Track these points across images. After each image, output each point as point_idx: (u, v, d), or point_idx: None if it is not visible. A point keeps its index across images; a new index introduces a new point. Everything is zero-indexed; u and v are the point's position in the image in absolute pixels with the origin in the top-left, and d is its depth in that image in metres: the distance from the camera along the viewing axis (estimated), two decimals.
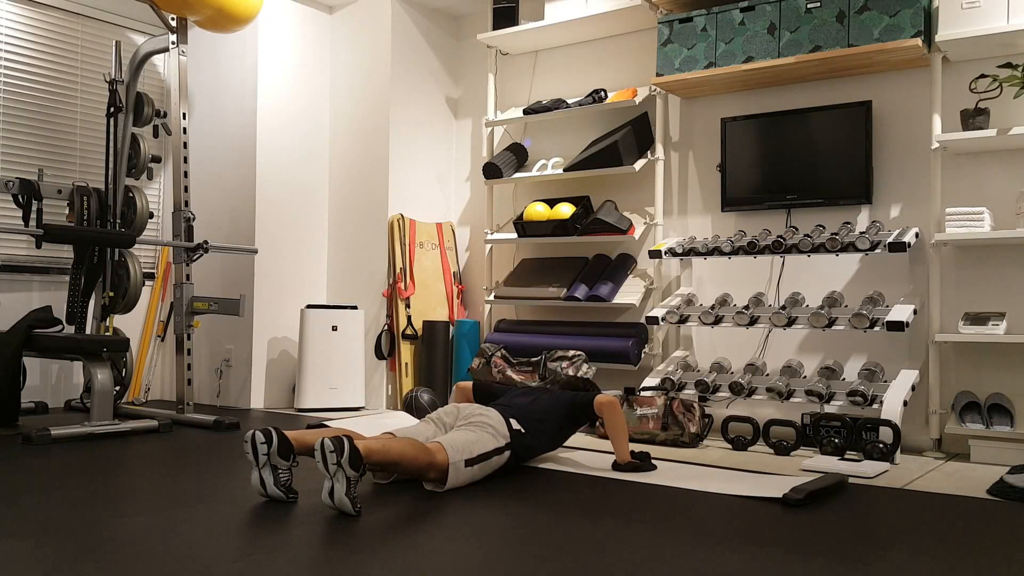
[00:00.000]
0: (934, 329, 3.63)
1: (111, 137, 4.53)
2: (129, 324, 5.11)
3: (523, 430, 2.96)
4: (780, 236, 3.79)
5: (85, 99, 5.01)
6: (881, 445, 3.27)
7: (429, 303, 5.06)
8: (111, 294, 4.41)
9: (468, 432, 2.78)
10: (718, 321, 3.89)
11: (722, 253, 3.94)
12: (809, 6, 3.77)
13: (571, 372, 4.11)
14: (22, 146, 4.74)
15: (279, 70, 5.09)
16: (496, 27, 4.87)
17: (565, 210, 4.48)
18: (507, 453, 2.86)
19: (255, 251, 4.56)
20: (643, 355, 4.35)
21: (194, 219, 4.38)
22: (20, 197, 4.12)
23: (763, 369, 3.92)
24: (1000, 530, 2.27)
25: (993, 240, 3.47)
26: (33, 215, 4.13)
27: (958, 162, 3.71)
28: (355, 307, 4.97)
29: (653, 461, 3.15)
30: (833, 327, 3.62)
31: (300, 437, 2.59)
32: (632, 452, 3.12)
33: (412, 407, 4.35)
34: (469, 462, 2.67)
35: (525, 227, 4.59)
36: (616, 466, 3.09)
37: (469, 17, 5.40)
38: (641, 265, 4.55)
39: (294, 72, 5.17)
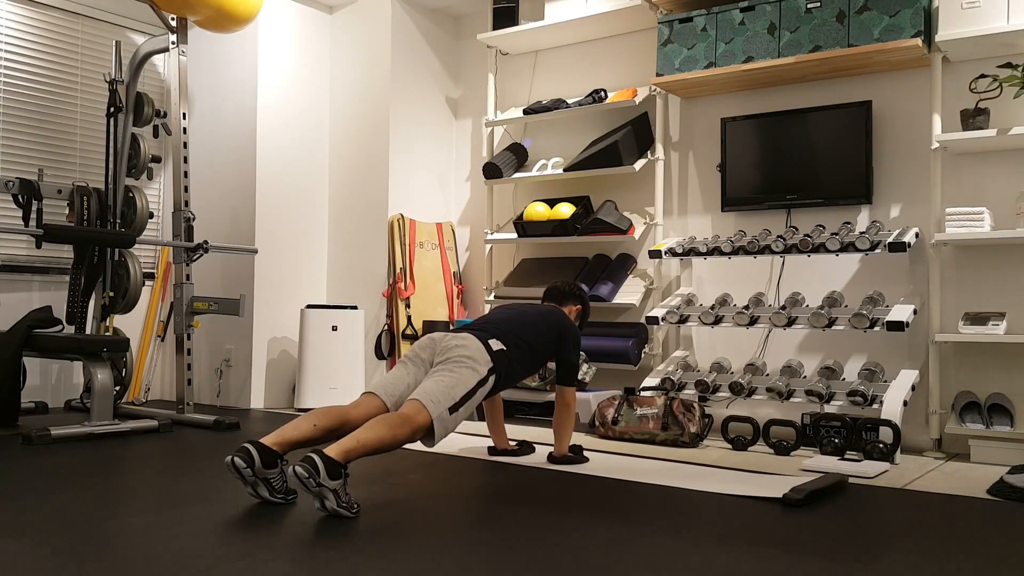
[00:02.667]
0: (934, 329, 3.63)
1: (111, 137, 4.53)
2: (129, 324, 5.11)
3: (505, 347, 2.85)
4: (780, 236, 3.79)
5: (85, 99, 5.01)
6: (881, 445, 3.27)
7: (429, 303, 5.06)
8: (111, 294, 4.41)
9: (446, 375, 2.66)
10: (718, 321, 3.89)
11: (722, 253, 3.94)
12: (809, 6, 3.77)
13: None
14: (22, 146, 4.74)
15: (279, 70, 5.09)
16: (496, 27, 4.87)
17: (565, 210, 4.48)
18: (491, 379, 2.76)
19: (255, 251, 4.56)
20: (643, 355, 4.35)
21: (194, 219, 4.38)
22: (20, 197, 4.12)
23: (763, 369, 3.92)
24: (1000, 530, 2.27)
25: (993, 240, 3.47)
26: (33, 215, 4.13)
27: (958, 162, 3.71)
28: (355, 307, 4.96)
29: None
30: (833, 327, 3.62)
31: (283, 436, 2.47)
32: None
33: None
34: (453, 408, 2.58)
35: (525, 227, 4.59)
36: (552, 458, 3.21)
37: (469, 17, 5.40)
38: (641, 265, 4.55)
39: (294, 72, 5.17)
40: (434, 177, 5.31)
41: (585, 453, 3.31)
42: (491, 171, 4.79)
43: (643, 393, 3.86)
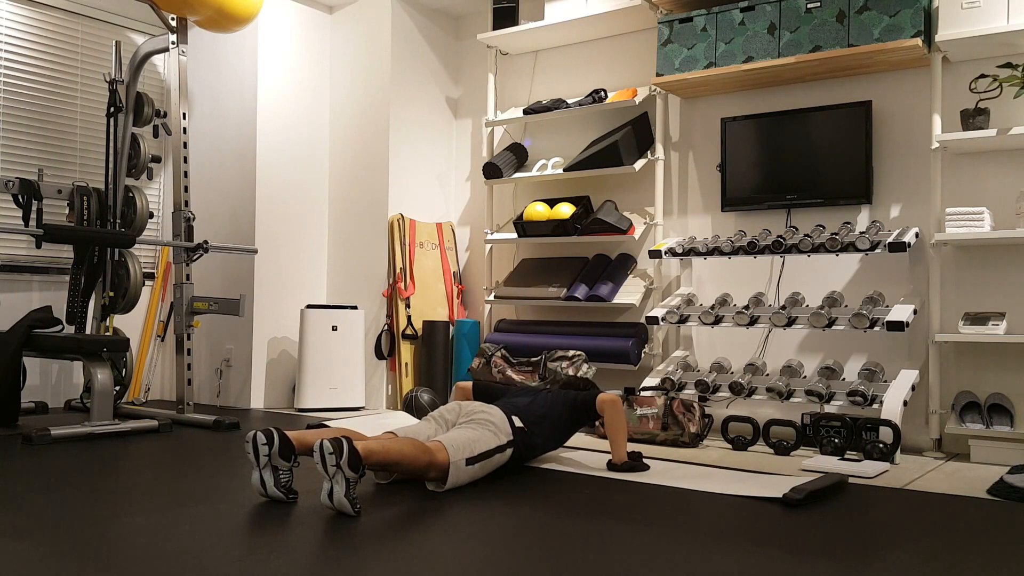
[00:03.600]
0: (934, 329, 3.63)
1: (111, 137, 4.53)
2: (129, 324, 5.11)
3: (525, 428, 2.95)
4: (780, 236, 3.79)
5: (85, 99, 5.01)
6: (881, 445, 3.27)
7: (429, 303, 5.06)
8: (111, 294, 4.41)
9: (469, 430, 2.77)
10: (718, 321, 3.89)
11: (722, 253, 3.94)
12: (809, 6, 3.77)
13: (571, 372, 4.11)
14: (22, 146, 4.74)
15: (279, 70, 5.09)
16: (496, 27, 4.87)
17: (565, 210, 4.48)
18: (509, 451, 2.85)
19: (255, 251, 4.56)
20: (643, 355, 4.35)
21: (194, 219, 4.38)
22: (20, 197, 4.12)
23: (763, 369, 3.92)
24: (1000, 530, 2.27)
25: (993, 240, 3.47)
26: (33, 215, 4.13)
27: (958, 162, 3.71)
28: (355, 307, 4.97)
29: (646, 461, 3.15)
30: (833, 327, 3.62)
31: (300, 437, 2.59)
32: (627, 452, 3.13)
33: (412, 407, 4.35)
34: (470, 460, 2.66)
35: (525, 227, 4.59)
36: (612, 466, 3.09)
37: (469, 17, 5.40)
38: (641, 265, 4.55)
39: (294, 72, 5.17)
40: (434, 177, 5.31)
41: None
42: (491, 171, 4.79)
43: (643, 393, 3.86)
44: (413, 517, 2.31)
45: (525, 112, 4.72)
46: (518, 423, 2.93)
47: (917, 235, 3.65)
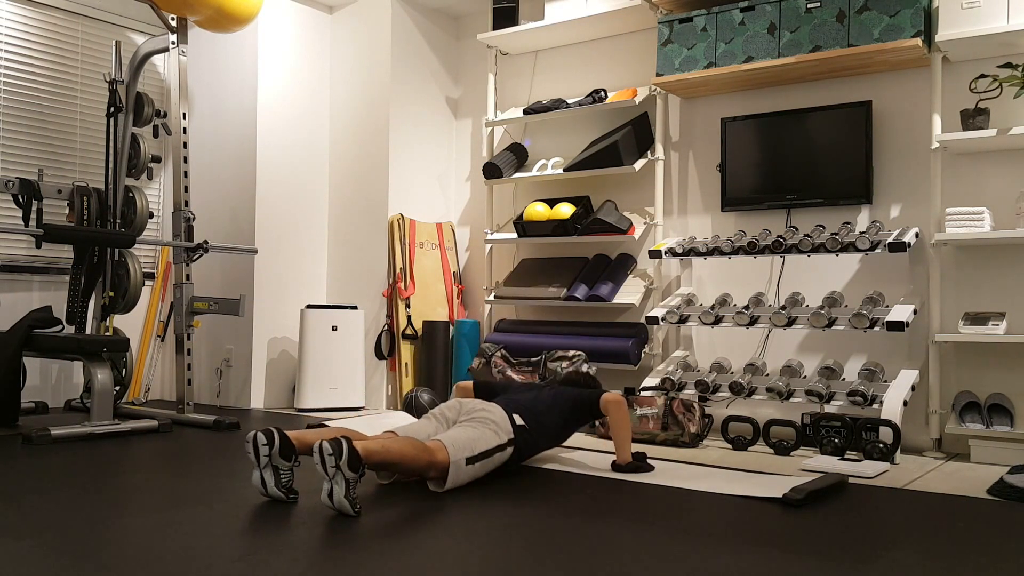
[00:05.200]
0: (934, 329, 3.63)
1: (111, 137, 4.53)
2: (129, 324, 5.11)
3: (526, 425, 2.94)
4: (780, 236, 3.79)
5: (85, 99, 5.01)
6: (881, 445, 3.27)
7: (429, 303, 5.06)
8: (111, 294, 4.41)
9: (470, 429, 2.76)
10: (718, 321, 3.89)
11: (722, 253, 3.94)
12: (809, 6, 3.77)
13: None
14: (22, 146, 4.74)
15: (279, 70, 5.09)
16: (496, 27, 4.87)
17: (565, 210, 4.48)
18: (509, 449, 2.84)
19: (255, 251, 4.56)
20: (643, 355, 4.35)
21: (194, 219, 4.38)
22: (20, 197, 4.12)
23: (763, 369, 3.92)
24: (1000, 530, 2.27)
25: (993, 240, 3.47)
26: (33, 215, 4.13)
27: (958, 162, 3.71)
28: (355, 307, 4.97)
29: (650, 461, 3.14)
30: (833, 327, 3.62)
31: (301, 437, 2.59)
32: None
33: (412, 407, 4.35)
34: (470, 460, 2.65)
35: (525, 227, 4.59)
36: (616, 466, 3.07)
37: (469, 17, 5.40)
38: (641, 265, 4.55)
39: (294, 72, 5.17)
40: (434, 177, 5.31)
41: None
42: (491, 171, 4.79)
43: (643, 393, 3.86)
44: (413, 517, 2.31)
45: (525, 112, 4.72)
46: (519, 421, 2.92)
47: (917, 235, 3.65)
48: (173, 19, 4.34)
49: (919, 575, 1.84)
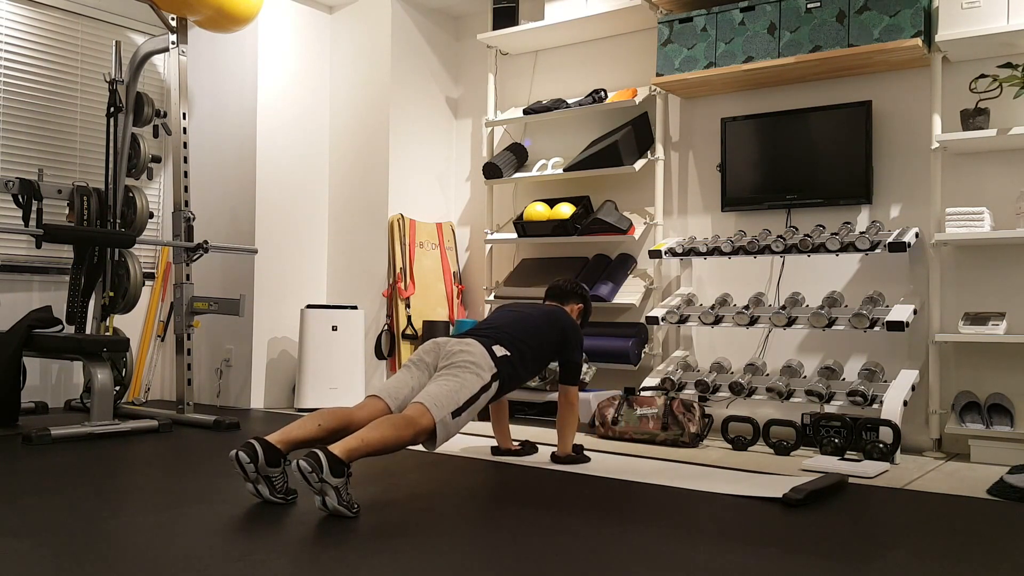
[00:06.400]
0: (934, 329, 3.63)
1: (111, 137, 4.53)
2: (129, 324, 5.11)
3: (508, 353, 2.87)
4: (780, 236, 3.79)
5: (85, 99, 5.01)
6: (881, 445, 3.27)
7: (429, 303, 5.06)
8: (111, 294, 4.41)
9: (451, 379, 2.68)
10: (718, 321, 3.89)
11: (722, 253, 3.94)
12: (809, 6, 3.77)
13: None
14: (22, 146, 4.74)
15: (279, 70, 5.09)
16: (496, 27, 4.87)
17: (565, 210, 4.48)
18: (495, 385, 2.78)
19: (255, 251, 4.56)
20: (643, 355, 4.35)
21: (194, 219, 4.38)
22: (20, 197, 4.12)
23: (763, 369, 3.92)
24: (1000, 530, 2.27)
25: (993, 240, 3.47)
26: (33, 215, 4.13)
27: (958, 162, 3.71)
28: (355, 307, 4.97)
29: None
30: (833, 327, 3.62)
31: (287, 435, 2.48)
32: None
33: None
34: (456, 412, 2.60)
35: (525, 227, 4.59)
36: (555, 458, 3.20)
37: (469, 17, 5.40)
38: (641, 265, 4.55)
39: (294, 72, 5.17)
40: (434, 177, 5.31)
41: (586, 453, 3.31)
42: (491, 171, 4.79)
43: (643, 393, 3.86)
44: (412, 517, 2.31)
45: (525, 112, 4.72)
46: (500, 351, 2.85)
47: (917, 235, 3.65)
48: (173, 19, 4.34)
49: (919, 575, 1.84)
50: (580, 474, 2.99)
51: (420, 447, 2.62)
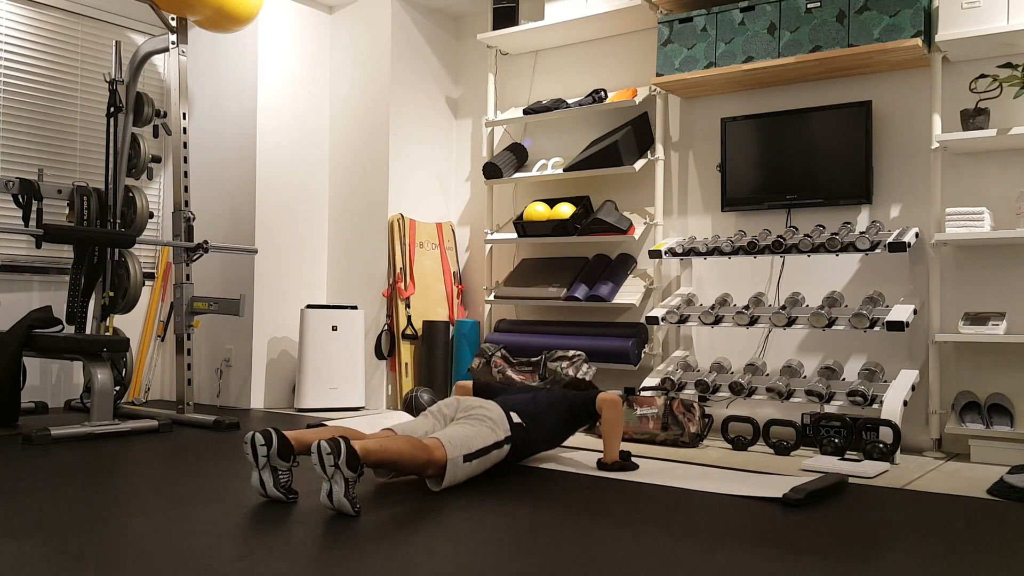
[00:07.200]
0: (934, 329, 3.63)
1: (111, 137, 4.53)
2: (129, 324, 5.11)
3: (524, 423, 2.95)
4: (780, 236, 3.79)
5: (85, 99, 5.01)
6: (881, 445, 3.27)
7: (429, 303, 5.06)
8: (111, 294, 4.41)
9: (467, 426, 2.77)
10: (718, 321, 3.89)
11: (722, 253, 3.94)
12: (809, 6, 3.77)
13: (571, 372, 4.10)
14: (22, 146, 4.74)
15: (279, 70, 5.09)
16: (496, 27, 4.87)
17: (565, 210, 4.48)
18: (506, 447, 2.84)
19: (255, 251, 4.56)
20: (643, 355, 4.35)
21: (194, 219, 4.38)
22: (20, 197, 4.12)
23: (763, 369, 3.92)
24: (1000, 530, 2.27)
25: (993, 240, 3.47)
26: (33, 215, 4.13)
27: (958, 162, 3.71)
28: (355, 307, 4.97)
29: (639, 461, 3.17)
30: (833, 327, 3.62)
31: (299, 437, 2.59)
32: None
33: (412, 407, 4.35)
34: (468, 457, 2.66)
35: (525, 227, 4.59)
36: (602, 464, 3.11)
37: (469, 17, 5.40)
38: (641, 265, 4.55)
39: (294, 72, 5.17)
40: (434, 177, 5.31)
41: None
42: (491, 171, 4.79)
43: (643, 393, 3.86)
44: (413, 517, 2.31)
45: (525, 112, 4.72)
46: (517, 419, 2.93)
47: (917, 235, 3.65)
48: (173, 19, 4.34)
49: (919, 575, 1.84)
50: (580, 475, 2.99)
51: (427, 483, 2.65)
